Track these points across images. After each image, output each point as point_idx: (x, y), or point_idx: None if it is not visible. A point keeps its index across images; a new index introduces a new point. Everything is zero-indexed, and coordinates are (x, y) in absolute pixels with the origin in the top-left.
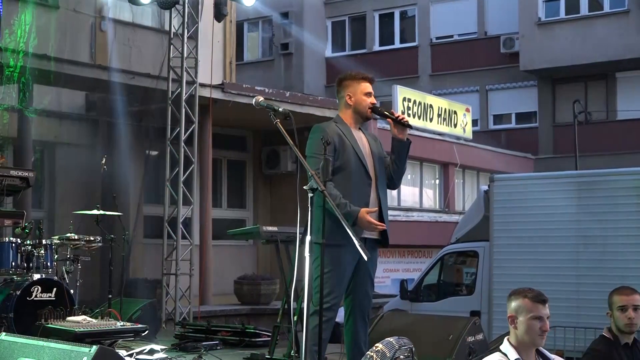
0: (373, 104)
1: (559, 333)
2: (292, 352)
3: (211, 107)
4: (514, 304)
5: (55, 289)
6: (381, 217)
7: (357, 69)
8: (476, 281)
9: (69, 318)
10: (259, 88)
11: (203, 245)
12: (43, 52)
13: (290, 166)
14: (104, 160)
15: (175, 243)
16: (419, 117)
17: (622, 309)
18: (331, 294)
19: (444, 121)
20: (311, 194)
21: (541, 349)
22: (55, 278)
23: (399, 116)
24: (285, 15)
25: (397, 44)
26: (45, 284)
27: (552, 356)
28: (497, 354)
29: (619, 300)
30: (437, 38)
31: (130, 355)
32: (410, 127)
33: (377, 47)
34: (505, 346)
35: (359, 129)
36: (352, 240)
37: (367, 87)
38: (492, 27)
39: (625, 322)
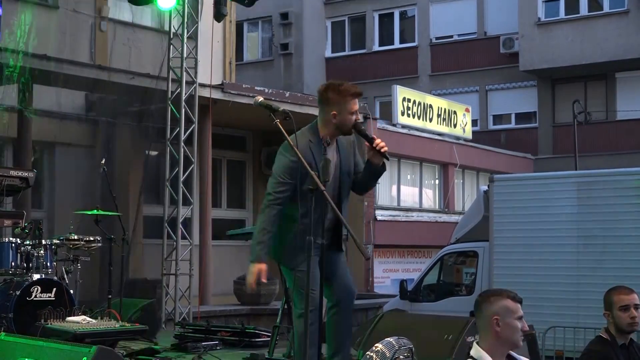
0: (357, 121)
1: (559, 333)
2: (292, 352)
3: (211, 107)
4: (495, 306)
5: (55, 289)
6: (339, 235)
7: (356, 69)
8: (476, 281)
9: (68, 318)
10: (258, 88)
11: (203, 246)
12: (43, 52)
13: None
14: (103, 160)
15: (175, 243)
16: (419, 117)
17: (624, 309)
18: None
19: (443, 121)
20: (311, 194)
21: (511, 352)
22: (55, 278)
23: (378, 144)
24: (285, 15)
25: (397, 44)
26: (45, 284)
27: (523, 358)
28: None
29: (620, 300)
30: (437, 38)
31: (130, 355)
32: (387, 158)
33: (376, 47)
34: (477, 351)
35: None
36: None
37: (354, 105)
38: (492, 27)
39: (628, 321)
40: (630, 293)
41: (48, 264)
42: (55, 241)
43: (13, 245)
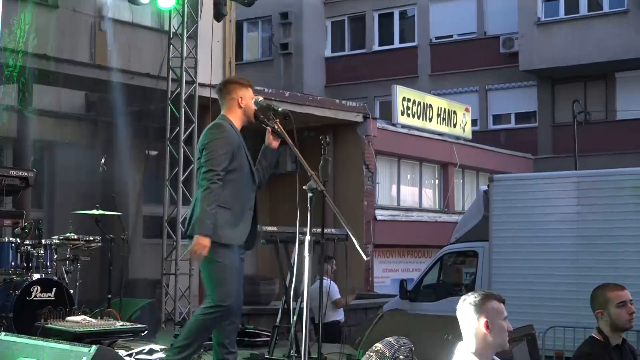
0: (257, 110)
1: (558, 333)
2: (292, 352)
3: (211, 107)
4: (482, 309)
5: (54, 289)
6: (255, 220)
7: (356, 69)
8: (475, 281)
9: (68, 318)
10: (258, 88)
11: None
12: (42, 52)
13: (290, 166)
14: (103, 160)
15: (174, 243)
16: (419, 117)
17: (622, 305)
18: (233, 296)
19: (443, 121)
20: (311, 194)
21: (495, 357)
22: (55, 278)
23: (277, 127)
24: (285, 15)
25: (397, 44)
26: (45, 284)
27: None
28: None
29: (617, 297)
30: (437, 38)
31: (130, 355)
32: (281, 136)
33: (376, 47)
34: (466, 356)
35: None
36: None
37: (252, 92)
38: (492, 27)
39: (627, 317)
40: (623, 289)
41: (48, 263)
42: (55, 241)
43: (13, 245)
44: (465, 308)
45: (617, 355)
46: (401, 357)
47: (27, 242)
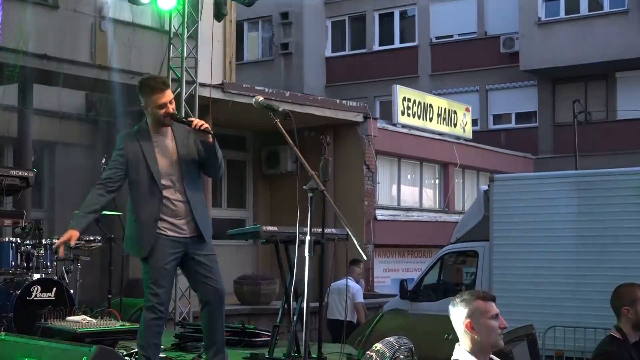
0: (169, 114)
1: (559, 333)
2: (292, 352)
3: (211, 107)
4: (465, 310)
5: (55, 289)
6: (193, 217)
7: (357, 68)
8: (476, 281)
9: (68, 318)
10: (258, 88)
11: None
12: (43, 52)
13: (290, 166)
14: (103, 160)
15: None
16: (419, 117)
17: None
18: (160, 289)
19: (443, 121)
20: (311, 194)
21: (492, 356)
22: (55, 278)
23: (197, 124)
24: (285, 15)
25: (397, 44)
26: (45, 284)
27: None
28: None
29: None
30: (437, 38)
31: (130, 355)
32: (210, 133)
33: (377, 47)
34: (462, 355)
35: (170, 128)
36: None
37: (159, 98)
38: (492, 27)
39: None
40: None
41: (48, 263)
42: (55, 241)
43: (13, 245)
44: (452, 310)
45: (636, 352)
46: (401, 357)
47: (27, 242)
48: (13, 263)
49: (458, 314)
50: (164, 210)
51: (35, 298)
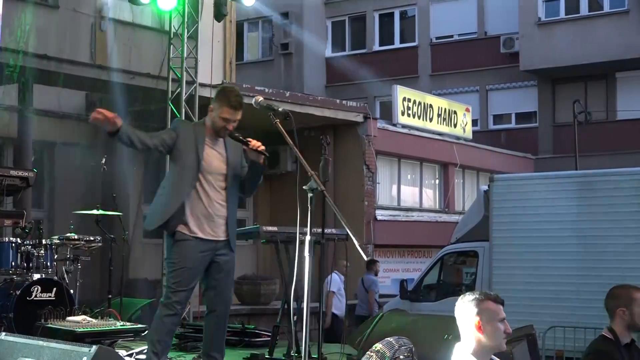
0: (227, 130)
1: (559, 333)
2: (292, 351)
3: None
4: (476, 309)
5: (55, 289)
6: (227, 222)
7: (357, 68)
8: (476, 281)
9: (68, 318)
10: (258, 88)
11: None
12: (43, 52)
13: (290, 166)
14: (103, 160)
15: None
16: (419, 117)
17: None
18: (181, 289)
19: (443, 121)
20: (311, 194)
21: (494, 356)
22: (55, 278)
23: (254, 145)
24: (285, 15)
25: (397, 44)
26: (45, 284)
27: None
28: None
29: None
30: (437, 38)
31: (130, 355)
32: (265, 155)
33: (377, 47)
34: (464, 356)
35: (223, 139)
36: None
37: (228, 112)
38: (492, 27)
39: None
40: None
41: (48, 263)
42: (55, 241)
43: (13, 245)
44: (462, 307)
45: (627, 353)
46: (401, 357)
47: (27, 242)
48: (13, 263)
49: (467, 312)
50: (200, 208)
51: (35, 298)
